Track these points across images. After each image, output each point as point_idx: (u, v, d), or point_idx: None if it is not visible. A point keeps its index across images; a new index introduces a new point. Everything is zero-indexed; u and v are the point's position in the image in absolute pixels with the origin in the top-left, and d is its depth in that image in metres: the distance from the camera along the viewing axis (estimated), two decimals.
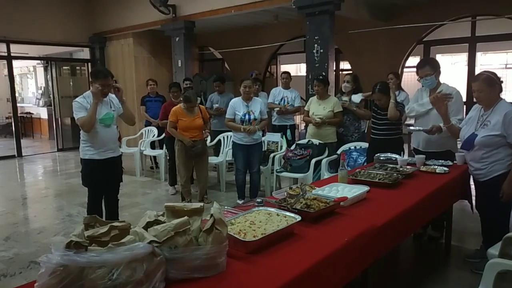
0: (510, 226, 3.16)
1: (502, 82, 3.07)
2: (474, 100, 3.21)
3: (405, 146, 4.61)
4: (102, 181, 3.82)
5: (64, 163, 8.77)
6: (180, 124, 4.95)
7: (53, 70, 10.01)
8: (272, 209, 2.11)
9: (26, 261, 3.60)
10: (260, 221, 1.94)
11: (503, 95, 3.19)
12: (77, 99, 3.65)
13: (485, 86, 2.99)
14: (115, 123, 3.85)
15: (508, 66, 10.54)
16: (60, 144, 10.04)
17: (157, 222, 1.60)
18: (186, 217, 1.55)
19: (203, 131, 5.12)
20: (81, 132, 3.68)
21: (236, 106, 4.86)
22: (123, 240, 1.37)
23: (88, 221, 1.54)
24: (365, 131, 5.37)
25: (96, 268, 1.28)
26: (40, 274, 1.32)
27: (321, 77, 5.10)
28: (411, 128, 3.79)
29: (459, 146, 3.42)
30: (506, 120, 2.89)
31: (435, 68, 3.57)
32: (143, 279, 1.35)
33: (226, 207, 2.29)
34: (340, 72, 8.97)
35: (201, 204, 1.70)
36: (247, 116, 4.81)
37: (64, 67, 10.48)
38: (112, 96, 3.88)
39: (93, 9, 9.73)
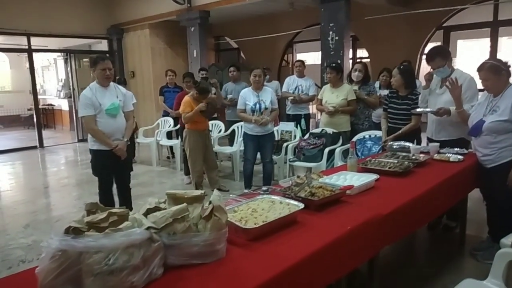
0: None
1: (510, 66, 2.97)
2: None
3: (423, 135, 4.52)
4: (111, 171, 3.87)
5: (84, 153, 8.94)
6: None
7: (73, 62, 10.20)
8: (276, 197, 2.10)
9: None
10: (263, 209, 1.94)
11: None
12: (84, 92, 3.68)
13: (491, 75, 2.96)
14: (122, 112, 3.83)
15: None
16: (80, 135, 10.25)
17: (157, 209, 1.61)
18: (184, 204, 1.56)
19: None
20: None
21: (246, 96, 4.84)
22: (120, 226, 1.39)
23: (89, 208, 1.56)
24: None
25: (93, 253, 1.30)
26: (42, 258, 1.35)
27: (333, 64, 5.03)
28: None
29: None
30: None
31: (446, 57, 3.47)
32: (140, 264, 1.37)
33: (231, 195, 2.30)
34: (358, 60, 8.82)
35: (202, 191, 1.70)
36: (257, 106, 4.78)
37: (84, 59, 10.65)
38: (117, 85, 3.91)
39: (110, 0, 9.83)
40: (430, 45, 7.46)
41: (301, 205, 1.96)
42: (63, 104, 12.40)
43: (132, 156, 4.12)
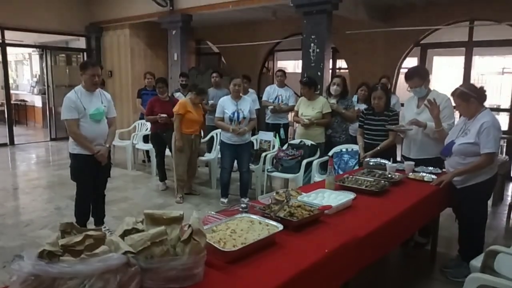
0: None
1: (483, 91, 3.08)
2: None
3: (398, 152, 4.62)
4: (91, 176, 3.81)
5: (56, 153, 8.72)
6: (188, 116, 4.97)
7: (48, 59, 9.91)
8: (255, 217, 2.10)
9: (10, 254, 3.56)
10: (242, 229, 1.93)
11: (497, 101, 3.24)
12: (68, 94, 3.64)
13: (460, 101, 3.11)
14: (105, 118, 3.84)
15: (505, 71, 10.53)
16: (53, 134, 9.99)
17: (135, 230, 1.58)
18: (163, 227, 1.53)
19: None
20: None
21: (225, 105, 4.85)
22: (97, 251, 1.35)
23: (64, 228, 1.51)
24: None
25: (67, 279, 1.27)
26: (12, 282, 1.30)
27: (305, 79, 5.10)
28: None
29: None
30: (481, 129, 2.97)
31: (424, 78, 3.58)
32: None
33: (210, 212, 2.28)
34: (337, 71, 8.94)
35: (181, 212, 1.69)
36: (235, 115, 4.79)
37: (60, 56, 10.40)
38: (103, 91, 3.87)
39: None
40: (408, 61, 7.68)
41: (280, 227, 1.97)
42: (37, 100, 12.03)
43: (109, 162, 4.06)
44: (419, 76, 3.57)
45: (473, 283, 2.04)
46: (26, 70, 13.53)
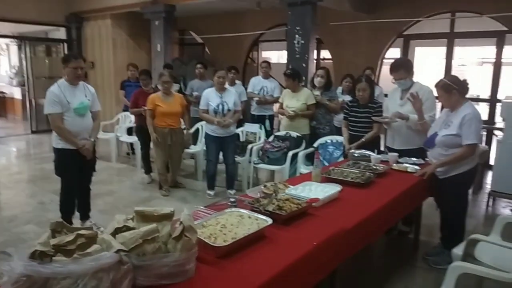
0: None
1: (465, 84, 3.15)
2: None
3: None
4: (75, 171, 3.77)
5: (37, 146, 8.57)
6: (158, 110, 4.91)
7: (27, 49, 9.65)
8: (244, 211, 2.12)
9: None
10: (232, 224, 1.96)
11: (476, 91, 3.32)
12: (51, 88, 3.57)
13: (443, 92, 3.16)
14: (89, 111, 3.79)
15: (484, 61, 10.74)
16: (34, 126, 9.78)
17: (126, 228, 1.59)
18: (155, 225, 1.54)
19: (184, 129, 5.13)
20: None
21: (210, 97, 4.83)
22: (89, 250, 1.36)
23: (54, 227, 1.51)
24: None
25: (60, 279, 1.27)
26: (3, 282, 1.30)
27: (288, 71, 5.12)
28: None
29: None
30: (463, 121, 3.04)
31: (409, 70, 3.64)
32: None
33: (198, 206, 2.30)
34: (321, 61, 8.97)
35: (171, 209, 1.69)
36: (220, 107, 4.78)
37: (39, 47, 10.13)
38: (87, 84, 3.81)
39: None
40: (391, 51, 7.75)
41: (270, 221, 2.00)
42: (16, 92, 11.73)
43: (95, 156, 4.01)
44: (405, 69, 3.62)
45: (456, 272, 2.11)
46: (4, 61, 13.15)
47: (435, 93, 3.40)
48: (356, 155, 3.71)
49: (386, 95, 5.88)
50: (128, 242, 1.48)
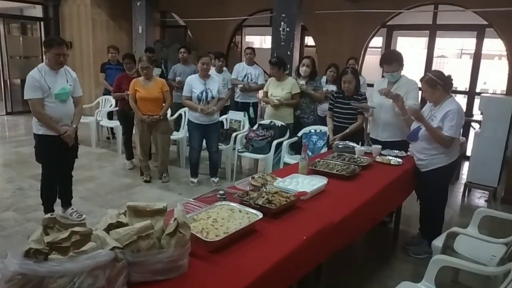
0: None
1: (449, 80, 3.21)
2: None
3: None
4: (57, 157, 3.69)
5: (13, 128, 8.32)
6: (137, 95, 4.83)
7: (1, 27, 9.27)
8: (235, 205, 2.14)
9: None
10: (223, 218, 1.97)
11: (455, 83, 3.41)
12: (31, 72, 3.45)
13: (427, 87, 3.23)
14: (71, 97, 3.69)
15: (463, 52, 10.97)
16: (9, 107, 9.48)
17: (119, 223, 1.58)
18: (149, 221, 1.54)
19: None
20: None
21: (193, 84, 4.77)
22: (84, 248, 1.35)
23: (47, 223, 1.49)
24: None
25: (57, 277, 1.26)
26: None
27: (274, 60, 5.10)
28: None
29: None
30: (446, 115, 3.12)
31: (401, 64, 3.68)
32: (105, 285, 1.35)
33: (186, 199, 2.30)
34: (305, 48, 8.96)
35: (164, 204, 1.70)
36: (204, 94, 4.74)
37: (14, 24, 9.74)
38: (68, 68, 3.71)
39: None
40: (374, 41, 7.82)
41: (260, 215, 2.02)
42: None
43: (76, 143, 3.93)
44: (398, 62, 3.66)
45: (437, 264, 2.20)
46: None
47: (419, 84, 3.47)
48: (340, 146, 3.77)
49: (369, 85, 5.97)
50: (122, 238, 1.48)
